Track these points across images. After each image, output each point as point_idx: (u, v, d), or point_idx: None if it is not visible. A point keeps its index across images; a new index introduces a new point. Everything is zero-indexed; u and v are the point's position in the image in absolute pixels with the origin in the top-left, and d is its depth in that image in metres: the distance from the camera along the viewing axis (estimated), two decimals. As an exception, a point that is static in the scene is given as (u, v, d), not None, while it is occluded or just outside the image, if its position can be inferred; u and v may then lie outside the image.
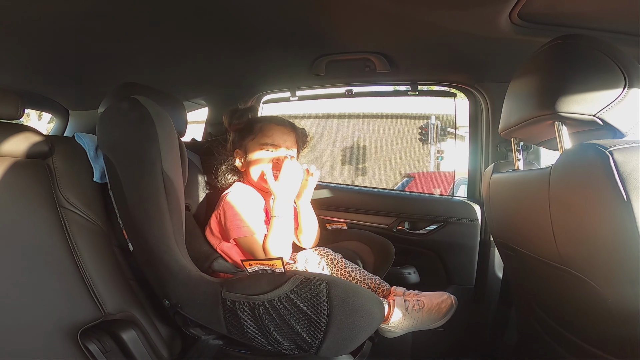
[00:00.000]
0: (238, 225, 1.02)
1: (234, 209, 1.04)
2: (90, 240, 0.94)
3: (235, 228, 1.02)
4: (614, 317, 0.65)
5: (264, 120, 1.15)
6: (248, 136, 1.13)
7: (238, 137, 1.15)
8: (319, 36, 1.16)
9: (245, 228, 1.02)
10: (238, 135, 1.16)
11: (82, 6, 0.94)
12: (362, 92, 1.61)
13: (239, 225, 1.02)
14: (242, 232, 1.02)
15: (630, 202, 0.57)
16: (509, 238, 0.99)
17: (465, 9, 0.94)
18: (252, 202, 1.08)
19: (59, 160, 0.95)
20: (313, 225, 1.17)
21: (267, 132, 1.11)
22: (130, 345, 0.87)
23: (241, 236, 1.02)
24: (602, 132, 0.72)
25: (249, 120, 1.16)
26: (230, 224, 1.03)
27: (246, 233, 1.02)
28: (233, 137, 1.17)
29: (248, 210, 1.04)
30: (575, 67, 0.71)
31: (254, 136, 1.12)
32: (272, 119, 1.15)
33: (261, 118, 1.18)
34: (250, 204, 1.07)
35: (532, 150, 1.32)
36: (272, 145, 1.11)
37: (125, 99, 0.92)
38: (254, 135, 1.12)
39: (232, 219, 1.03)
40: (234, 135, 1.17)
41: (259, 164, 1.10)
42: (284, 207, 1.04)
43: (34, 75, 1.42)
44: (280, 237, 1.02)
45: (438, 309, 0.98)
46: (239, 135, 1.15)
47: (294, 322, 0.80)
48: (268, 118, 1.16)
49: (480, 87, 1.39)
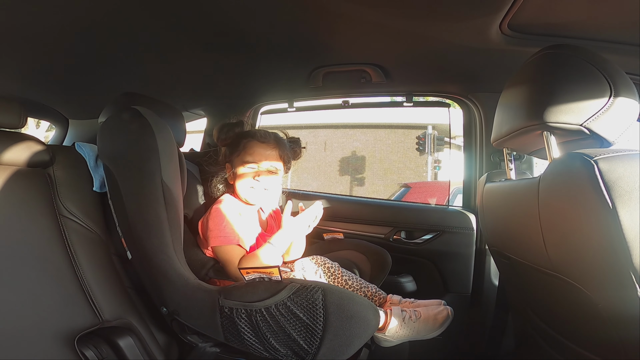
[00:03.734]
0: (216, 235, 1.04)
1: (216, 219, 1.06)
2: (89, 249, 0.95)
3: (213, 237, 1.04)
4: (605, 321, 0.66)
5: (247, 137, 1.15)
6: (235, 152, 1.15)
7: (228, 152, 1.17)
8: (315, 48, 1.18)
9: (222, 238, 1.04)
10: (228, 149, 1.17)
11: (83, 17, 0.96)
12: (359, 103, 1.63)
13: (217, 235, 1.04)
14: (219, 242, 1.04)
15: (616, 209, 0.58)
16: (502, 246, 1.00)
17: (457, 21, 0.96)
18: (236, 214, 1.09)
19: (59, 170, 0.96)
20: (300, 251, 1.19)
21: (249, 150, 1.13)
22: (127, 353, 0.87)
23: (217, 245, 1.04)
24: (589, 141, 0.73)
25: (236, 135, 1.17)
26: (210, 232, 1.05)
27: (222, 242, 1.04)
28: (225, 150, 1.19)
29: (229, 221, 1.06)
30: (561, 77, 0.73)
31: (239, 153, 1.14)
32: (255, 135, 1.15)
33: (246, 134, 1.17)
34: (234, 215, 1.08)
35: (525, 160, 1.34)
36: (253, 162, 1.12)
37: (126, 110, 0.94)
38: (238, 152, 1.14)
39: (212, 228, 1.05)
40: (225, 149, 1.19)
41: (243, 179, 1.12)
42: (283, 242, 1.05)
43: (35, 83, 1.44)
44: (263, 261, 1.02)
45: (434, 320, 0.99)
46: (229, 149, 1.17)
47: (290, 329, 0.81)
48: (252, 134, 1.16)
49: (473, 97, 1.42)
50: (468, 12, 0.92)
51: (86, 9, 0.92)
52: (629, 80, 0.73)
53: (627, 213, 0.58)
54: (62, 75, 1.36)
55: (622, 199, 0.58)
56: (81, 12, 0.94)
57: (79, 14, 0.94)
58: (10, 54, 1.14)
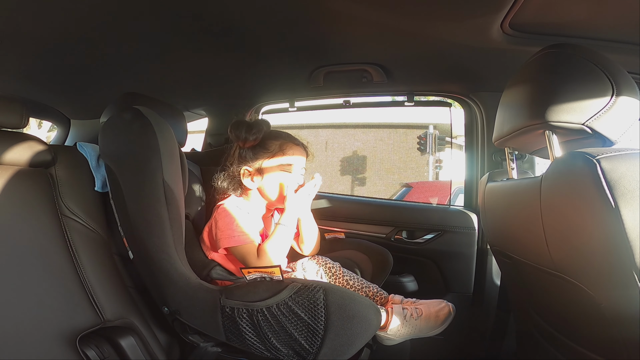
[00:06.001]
0: (230, 235, 1.00)
1: (226, 218, 1.02)
2: (91, 248, 0.95)
3: (227, 237, 1.00)
4: (608, 321, 0.66)
5: (280, 138, 1.08)
6: (266, 153, 1.06)
7: (251, 155, 1.06)
8: (317, 48, 1.18)
9: (237, 237, 0.99)
10: (251, 152, 1.07)
11: (85, 17, 0.96)
12: (360, 102, 1.63)
13: (230, 235, 0.99)
14: (234, 241, 0.99)
15: (618, 208, 0.58)
16: (504, 246, 1.00)
17: (458, 21, 0.96)
18: (245, 213, 1.05)
19: (61, 170, 0.96)
20: (314, 233, 1.16)
21: (287, 152, 1.06)
22: (129, 352, 0.88)
23: (233, 245, 1.00)
24: (592, 140, 0.73)
25: (266, 136, 1.08)
26: (221, 233, 1.01)
27: (238, 242, 0.99)
28: (243, 153, 1.08)
29: (241, 219, 1.02)
30: (563, 76, 0.73)
31: (272, 155, 1.05)
32: (288, 137, 1.09)
33: (277, 134, 1.08)
34: (243, 214, 1.04)
35: (527, 159, 1.34)
36: (290, 165, 1.06)
37: (128, 110, 0.94)
38: (271, 154, 1.06)
39: (223, 229, 1.01)
40: (245, 151, 1.07)
41: (278, 185, 1.06)
42: (292, 219, 1.03)
43: (37, 83, 1.44)
44: (280, 244, 1.01)
45: (436, 317, 0.99)
46: (252, 152, 1.07)
47: (291, 329, 0.81)
48: (284, 135, 1.09)
49: (474, 96, 1.41)
50: (469, 12, 0.92)
51: (88, 9, 0.92)
52: (631, 80, 0.72)
53: (629, 212, 0.58)
54: (64, 75, 1.36)
55: (624, 198, 0.58)
56: (83, 13, 0.94)
57: (81, 14, 0.94)
58: (12, 54, 1.14)
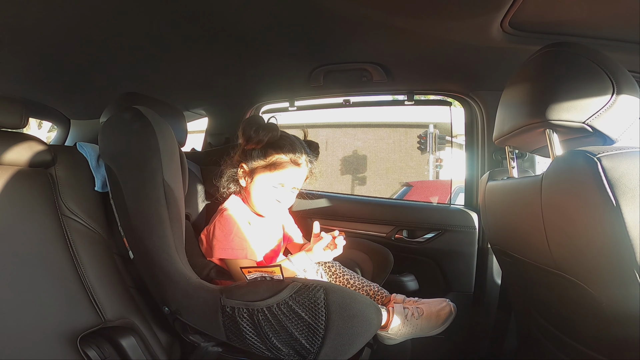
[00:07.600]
0: (224, 247, 1.00)
1: (225, 229, 1.01)
2: (91, 248, 0.95)
3: (222, 249, 1.00)
4: (609, 319, 0.66)
5: (280, 152, 1.03)
6: (259, 159, 1.04)
7: (251, 155, 1.06)
8: (316, 47, 1.18)
9: (231, 250, 0.99)
10: (251, 152, 1.06)
11: (85, 17, 0.96)
12: (360, 101, 1.63)
13: (225, 247, 1.00)
14: (227, 254, 1.00)
15: (619, 206, 0.58)
16: (505, 245, 1.00)
17: (458, 20, 0.96)
18: (245, 223, 1.04)
19: (61, 170, 0.96)
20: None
21: (279, 168, 1.03)
22: (129, 352, 0.88)
23: (226, 257, 1.00)
24: (592, 138, 0.73)
25: (268, 143, 1.04)
26: (217, 243, 1.01)
27: (231, 256, 0.99)
28: (246, 151, 1.07)
29: (239, 232, 1.01)
30: (564, 75, 0.73)
31: (266, 164, 1.03)
32: (291, 153, 1.04)
33: (279, 147, 1.04)
34: (243, 224, 1.03)
35: (527, 158, 1.34)
36: (280, 183, 1.04)
37: (128, 110, 0.94)
38: (266, 163, 1.03)
39: (220, 239, 1.01)
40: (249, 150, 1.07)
41: (263, 193, 1.05)
42: (305, 263, 1.01)
43: (36, 84, 1.44)
44: None
45: (437, 316, 0.99)
46: (253, 153, 1.05)
47: (292, 328, 0.80)
48: (285, 149, 1.04)
49: (475, 95, 1.41)
50: (469, 10, 0.92)
51: (88, 10, 0.92)
52: (631, 78, 0.73)
53: (630, 210, 0.58)
54: (64, 75, 1.36)
55: (625, 197, 0.58)
56: (83, 13, 0.94)
57: (81, 14, 0.94)
58: (12, 54, 1.14)
